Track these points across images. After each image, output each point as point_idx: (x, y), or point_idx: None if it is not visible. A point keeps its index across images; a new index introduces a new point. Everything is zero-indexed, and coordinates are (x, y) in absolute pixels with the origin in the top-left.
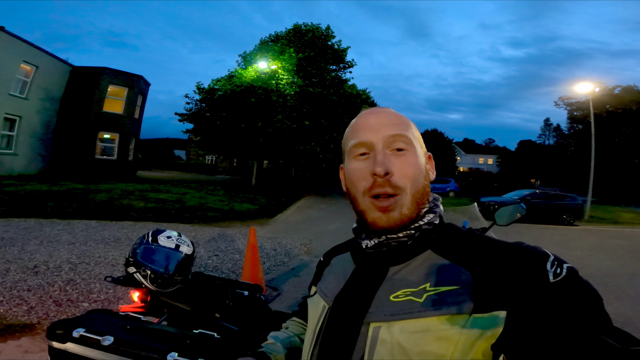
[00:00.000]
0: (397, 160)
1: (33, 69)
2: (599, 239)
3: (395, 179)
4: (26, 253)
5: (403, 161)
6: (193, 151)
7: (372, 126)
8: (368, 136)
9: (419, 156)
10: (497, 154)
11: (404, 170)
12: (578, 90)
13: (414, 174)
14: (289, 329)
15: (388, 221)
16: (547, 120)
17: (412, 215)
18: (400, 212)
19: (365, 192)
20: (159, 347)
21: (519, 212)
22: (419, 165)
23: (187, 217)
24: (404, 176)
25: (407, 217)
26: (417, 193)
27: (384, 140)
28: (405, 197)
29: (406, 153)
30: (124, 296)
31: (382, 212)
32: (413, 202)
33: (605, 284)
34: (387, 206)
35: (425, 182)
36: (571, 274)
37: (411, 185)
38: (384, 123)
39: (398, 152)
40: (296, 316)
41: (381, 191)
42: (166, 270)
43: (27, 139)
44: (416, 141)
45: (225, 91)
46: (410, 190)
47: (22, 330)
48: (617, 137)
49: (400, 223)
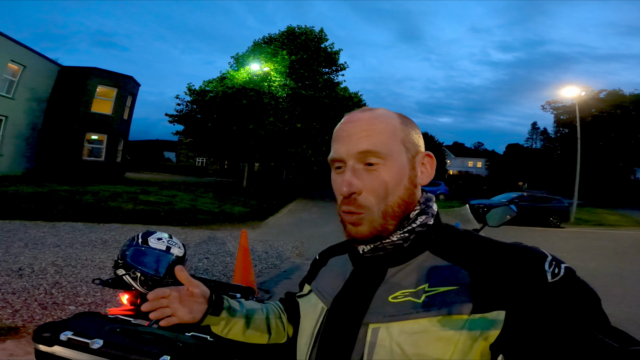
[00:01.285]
0: (367, 176)
1: (20, 69)
2: (585, 241)
3: (362, 197)
4: (10, 255)
5: (372, 178)
6: (183, 153)
7: (344, 138)
8: (340, 151)
9: (395, 168)
10: (486, 157)
11: (373, 186)
12: (564, 95)
13: (382, 191)
14: (265, 305)
15: (357, 233)
16: (535, 124)
17: (383, 228)
18: (369, 226)
19: (339, 204)
20: (151, 351)
21: (510, 214)
22: (392, 180)
23: (177, 220)
24: (371, 193)
25: (377, 230)
26: (389, 208)
27: (354, 156)
28: (372, 214)
29: (378, 167)
30: (112, 299)
31: (351, 224)
32: (382, 217)
33: (591, 285)
34: (354, 221)
35: (403, 192)
36: (569, 274)
37: (378, 202)
38: (356, 135)
39: (369, 166)
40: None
41: (346, 209)
42: (157, 273)
43: (13, 139)
44: (397, 149)
45: (217, 93)
46: (378, 207)
47: (7, 334)
48: (602, 141)
49: (369, 236)
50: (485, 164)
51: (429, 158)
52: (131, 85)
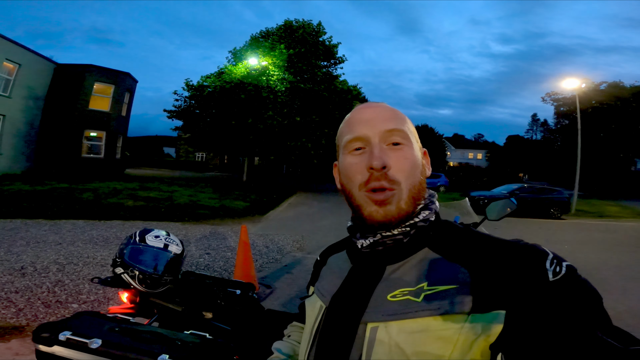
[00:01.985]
0: (393, 154)
1: (16, 67)
2: (586, 233)
3: (392, 172)
4: (12, 254)
5: (399, 155)
6: (183, 148)
7: (367, 120)
8: (364, 130)
9: (416, 150)
10: (486, 149)
11: (400, 164)
12: (564, 86)
13: (410, 168)
14: (290, 337)
15: (385, 215)
16: (535, 116)
17: (408, 210)
18: (397, 206)
19: (361, 186)
20: (149, 349)
21: (510, 207)
22: (416, 160)
23: (177, 216)
24: (400, 170)
25: (404, 211)
26: (414, 188)
27: (380, 134)
28: (402, 192)
29: (403, 147)
30: (114, 297)
31: (378, 205)
32: (409, 196)
33: (592, 277)
34: (384, 199)
35: (421, 178)
36: (570, 273)
37: (407, 179)
38: (379, 117)
39: (394, 146)
40: (296, 320)
41: (377, 185)
42: (155, 271)
43: (11, 138)
44: (412, 136)
45: (215, 88)
46: (406, 184)
47: (11, 333)
48: (602, 132)
49: (397, 217)
50: (486, 156)
51: (425, 155)
52: (128, 81)
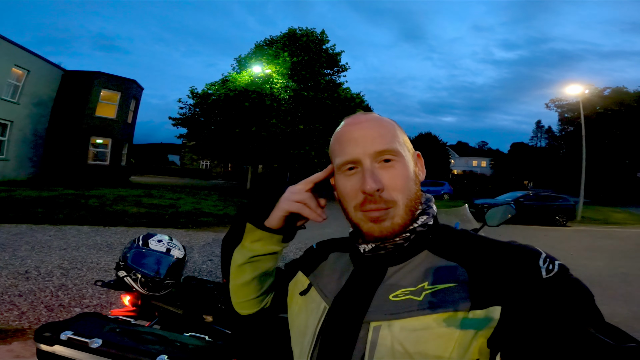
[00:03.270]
0: (386, 173)
1: (24, 73)
2: (592, 240)
3: (387, 193)
4: (17, 259)
5: (392, 174)
6: (187, 156)
7: (356, 140)
8: (354, 153)
9: (408, 163)
10: (490, 157)
11: (394, 182)
12: (568, 93)
13: (404, 185)
14: None
15: (381, 231)
16: (539, 123)
17: (405, 223)
18: (392, 222)
19: (356, 207)
20: (149, 350)
21: (510, 213)
22: (409, 174)
23: (181, 222)
24: (394, 189)
25: (400, 225)
26: (410, 202)
27: (370, 156)
28: (398, 209)
29: (394, 164)
30: (117, 301)
31: (373, 222)
32: (406, 211)
33: (598, 284)
34: (378, 217)
35: (416, 187)
36: (563, 271)
37: (402, 196)
38: (368, 136)
39: (386, 163)
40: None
41: (374, 207)
42: (157, 274)
43: (18, 144)
44: (403, 147)
45: (219, 95)
46: (402, 201)
47: (14, 335)
48: (607, 139)
49: (393, 232)
50: (490, 163)
51: (419, 157)
52: (134, 88)
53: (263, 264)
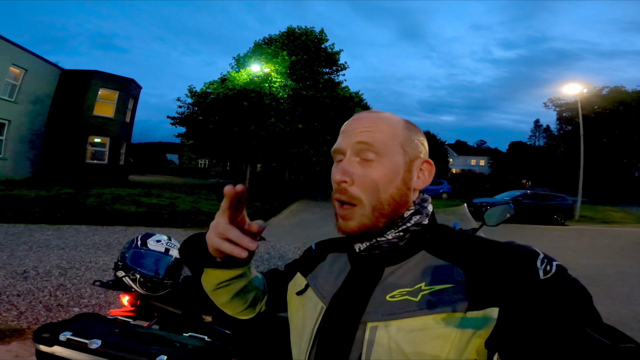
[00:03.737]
0: (361, 169)
1: (22, 72)
2: (590, 239)
3: (353, 188)
4: (15, 258)
5: (366, 172)
6: (186, 155)
7: (347, 132)
8: (341, 143)
9: (393, 165)
10: (488, 155)
11: (363, 181)
12: (566, 92)
13: (373, 186)
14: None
15: (345, 228)
16: (537, 122)
17: (372, 225)
18: (358, 222)
19: (333, 195)
20: (148, 350)
21: (508, 212)
22: (385, 176)
23: (179, 222)
24: (362, 187)
25: (366, 226)
26: (380, 204)
27: (351, 146)
28: (363, 209)
29: (372, 163)
30: (115, 301)
31: (341, 218)
32: (372, 212)
33: (596, 283)
34: (344, 214)
35: (395, 192)
36: (560, 272)
37: (369, 196)
38: (357, 129)
39: (364, 161)
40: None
41: (338, 197)
42: (156, 274)
43: (16, 143)
44: (395, 150)
45: (218, 94)
46: (369, 201)
47: (12, 335)
48: (605, 138)
49: (357, 231)
50: (488, 162)
51: (428, 165)
52: (132, 87)
53: (234, 286)
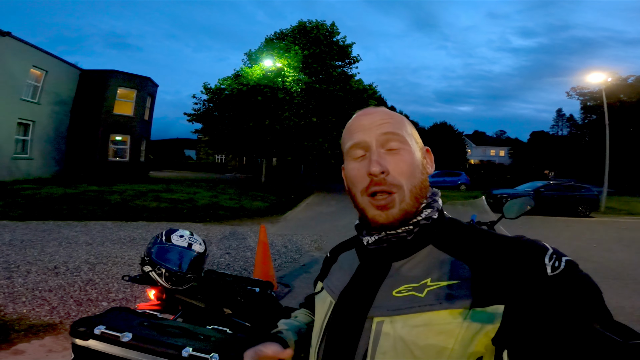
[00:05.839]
0: (392, 158)
1: (43, 74)
2: (616, 231)
3: (391, 177)
4: (46, 254)
5: (398, 159)
6: (203, 150)
7: (364, 127)
8: (362, 137)
9: (414, 152)
10: (508, 146)
11: (399, 167)
12: (590, 81)
13: (409, 171)
14: (297, 318)
15: (387, 218)
16: (560, 111)
17: (411, 210)
18: (399, 209)
19: (363, 191)
20: (174, 343)
21: (528, 205)
22: (414, 162)
23: (199, 216)
24: (400, 173)
25: (407, 212)
26: (415, 188)
27: (377, 138)
28: (403, 194)
29: (400, 151)
30: (141, 295)
31: (380, 210)
32: (412, 197)
33: (621, 277)
34: (385, 204)
35: (422, 177)
36: (570, 267)
37: (407, 181)
38: (376, 123)
39: (392, 151)
40: (303, 307)
41: (378, 189)
42: (180, 269)
43: (42, 143)
44: (411, 138)
45: (232, 90)
46: (407, 186)
47: (45, 330)
48: (632, 127)
49: (400, 218)
50: (509, 153)
51: (428, 152)
52: (149, 85)
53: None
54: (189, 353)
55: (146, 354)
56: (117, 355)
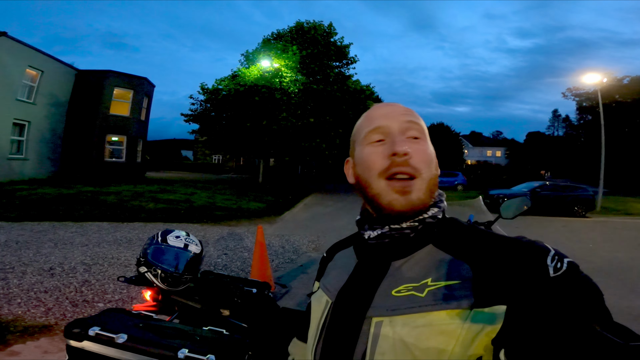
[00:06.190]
0: (413, 145)
1: (38, 74)
2: (612, 231)
3: (414, 161)
4: (41, 255)
5: (419, 147)
6: (200, 151)
7: (387, 114)
8: (384, 122)
9: (430, 146)
10: (505, 146)
11: (420, 155)
12: (586, 81)
13: (429, 160)
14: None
15: (406, 203)
16: (556, 112)
17: (426, 202)
18: (417, 196)
19: (381, 173)
20: (171, 344)
21: (525, 205)
22: (432, 154)
23: (196, 217)
24: (421, 160)
25: (422, 202)
26: (432, 180)
27: (400, 125)
28: (422, 181)
29: (420, 141)
30: (137, 296)
31: (399, 194)
32: (427, 189)
33: (617, 277)
34: (405, 187)
35: (437, 172)
36: (572, 269)
37: (426, 170)
38: (398, 111)
39: (413, 139)
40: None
41: (400, 170)
42: (176, 269)
43: (37, 143)
44: (427, 133)
45: (229, 91)
46: (426, 174)
47: (41, 331)
48: (627, 127)
49: (417, 206)
50: (505, 153)
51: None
52: (146, 86)
53: None
54: (185, 354)
55: (141, 355)
56: (112, 356)
